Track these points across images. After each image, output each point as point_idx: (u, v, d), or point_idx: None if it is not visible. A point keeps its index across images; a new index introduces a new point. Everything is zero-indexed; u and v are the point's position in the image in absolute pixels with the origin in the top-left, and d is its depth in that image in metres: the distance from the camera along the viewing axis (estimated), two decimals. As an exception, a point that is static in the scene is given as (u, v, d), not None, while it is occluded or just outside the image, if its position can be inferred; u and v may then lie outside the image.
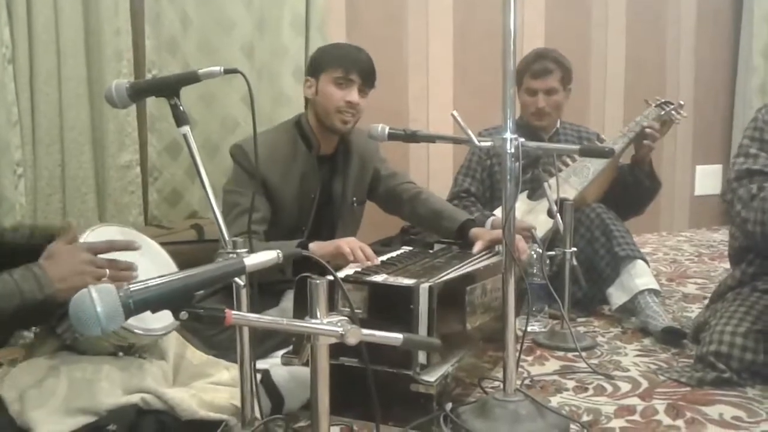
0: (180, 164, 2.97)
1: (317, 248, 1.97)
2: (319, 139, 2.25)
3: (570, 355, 2.17)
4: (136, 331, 1.36)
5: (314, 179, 2.25)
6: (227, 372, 1.60)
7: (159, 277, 0.97)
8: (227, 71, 1.39)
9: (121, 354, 1.42)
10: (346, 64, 2.17)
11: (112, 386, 1.35)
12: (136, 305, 0.92)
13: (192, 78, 1.42)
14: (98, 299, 0.90)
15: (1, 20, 2.55)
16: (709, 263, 3.49)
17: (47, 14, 2.67)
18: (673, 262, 3.51)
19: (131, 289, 0.93)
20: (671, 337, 2.23)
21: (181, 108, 1.41)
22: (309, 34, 3.10)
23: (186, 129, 1.40)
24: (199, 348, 1.69)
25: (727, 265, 2.27)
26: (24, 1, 2.62)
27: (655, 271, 3.08)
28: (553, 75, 2.75)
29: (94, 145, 2.81)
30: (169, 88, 1.42)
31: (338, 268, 1.84)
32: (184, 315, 0.97)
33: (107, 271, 1.34)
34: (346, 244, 1.94)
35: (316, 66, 2.23)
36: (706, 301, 2.29)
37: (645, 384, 1.94)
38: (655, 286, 2.44)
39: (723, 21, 4.34)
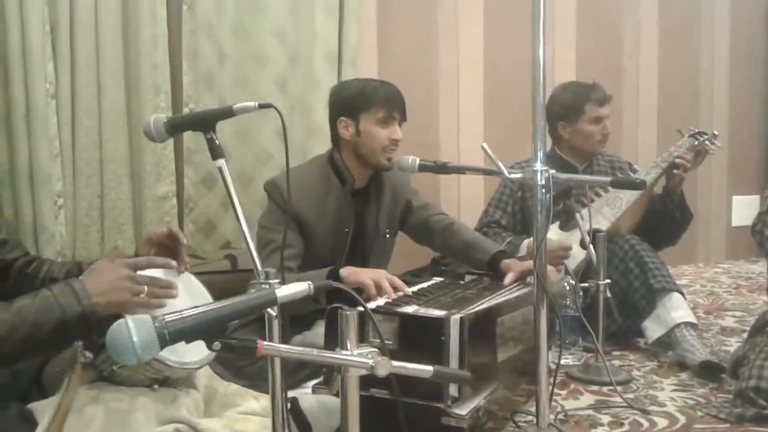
0: (215, 196, 3.03)
1: (348, 273, 1.98)
2: (353, 174, 2.27)
3: (605, 389, 2.14)
4: (171, 364, 1.37)
5: (348, 214, 2.27)
6: (256, 402, 1.60)
7: (193, 308, 0.98)
8: (261, 106, 1.41)
9: (156, 387, 1.43)
10: (388, 103, 2.20)
11: (147, 416, 1.36)
12: (171, 335, 0.94)
13: (227, 113, 1.44)
14: (134, 329, 0.92)
15: (45, 55, 2.64)
16: (747, 296, 3.41)
17: (89, 49, 2.76)
18: (710, 295, 3.44)
19: (167, 319, 0.95)
20: (709, 372, 2.18)
21: (216, 142, 1.44)
22: (341, 67, 3.15)
23: (221, 162, 1.42)
24: (229, 378, 1.70)
25: (767, 298, 2.23)
26: (67, 36, 2.72)
27: (692, 303, 3.02)
28: (611, 100, 2.77)
29: (132, 176, 2.88)
30: (205, 123, 1.44)
31: (369, 299, 1.85)
32: (217, 345, 0.98)
33: (145, 288, 1.37)
34: (371, 278, 1.92)
35: (353, 107, 2.22)
36: (745, 335, 2.24)
37: (683, 420, 1.90)
38: (692, 319, 2.39)
39: (756, 48, 4.30)
